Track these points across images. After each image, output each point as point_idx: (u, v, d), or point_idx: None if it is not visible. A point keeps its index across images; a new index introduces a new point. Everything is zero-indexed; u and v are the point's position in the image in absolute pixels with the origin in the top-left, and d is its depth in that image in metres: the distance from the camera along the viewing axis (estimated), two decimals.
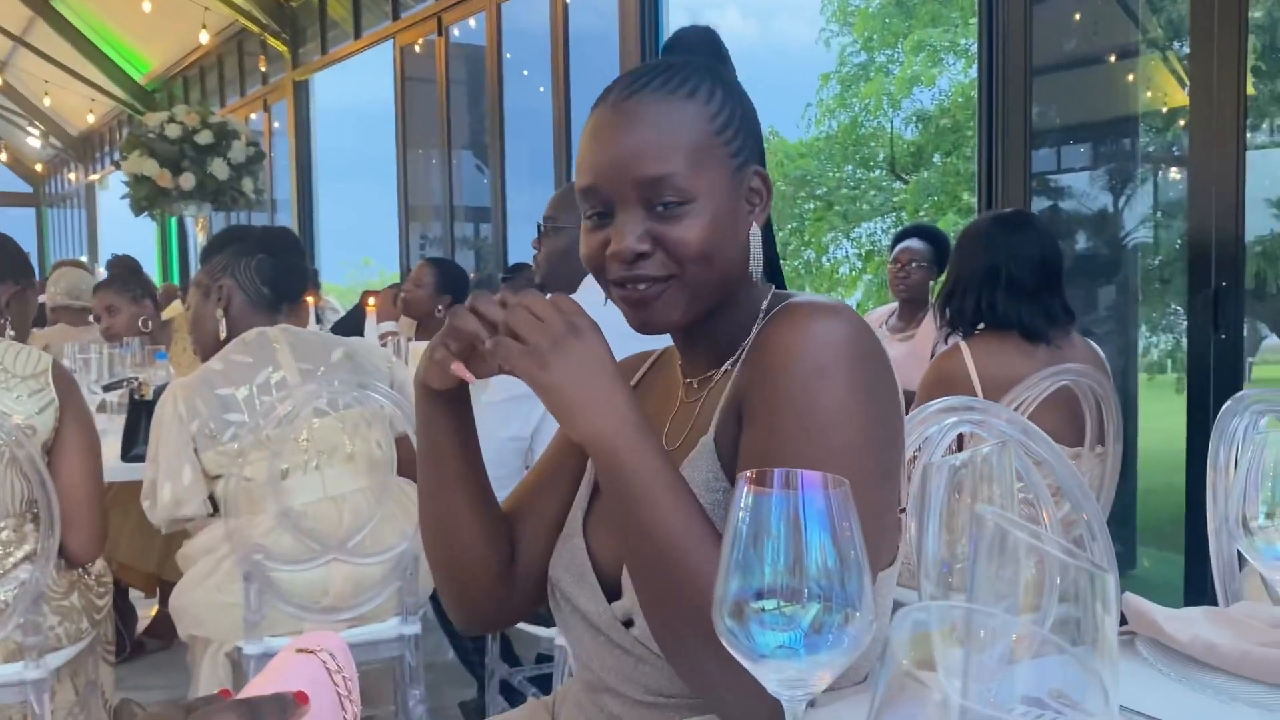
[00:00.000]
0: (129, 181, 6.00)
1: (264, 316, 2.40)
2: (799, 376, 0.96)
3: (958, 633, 0.36)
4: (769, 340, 1.01)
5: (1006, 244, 2.47)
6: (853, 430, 0.95)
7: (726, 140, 1.04)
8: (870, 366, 0.99)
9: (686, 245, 1.02)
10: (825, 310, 1.00)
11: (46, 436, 2.12)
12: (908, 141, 14.94)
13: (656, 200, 1.02)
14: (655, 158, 1.01)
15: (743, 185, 1.06)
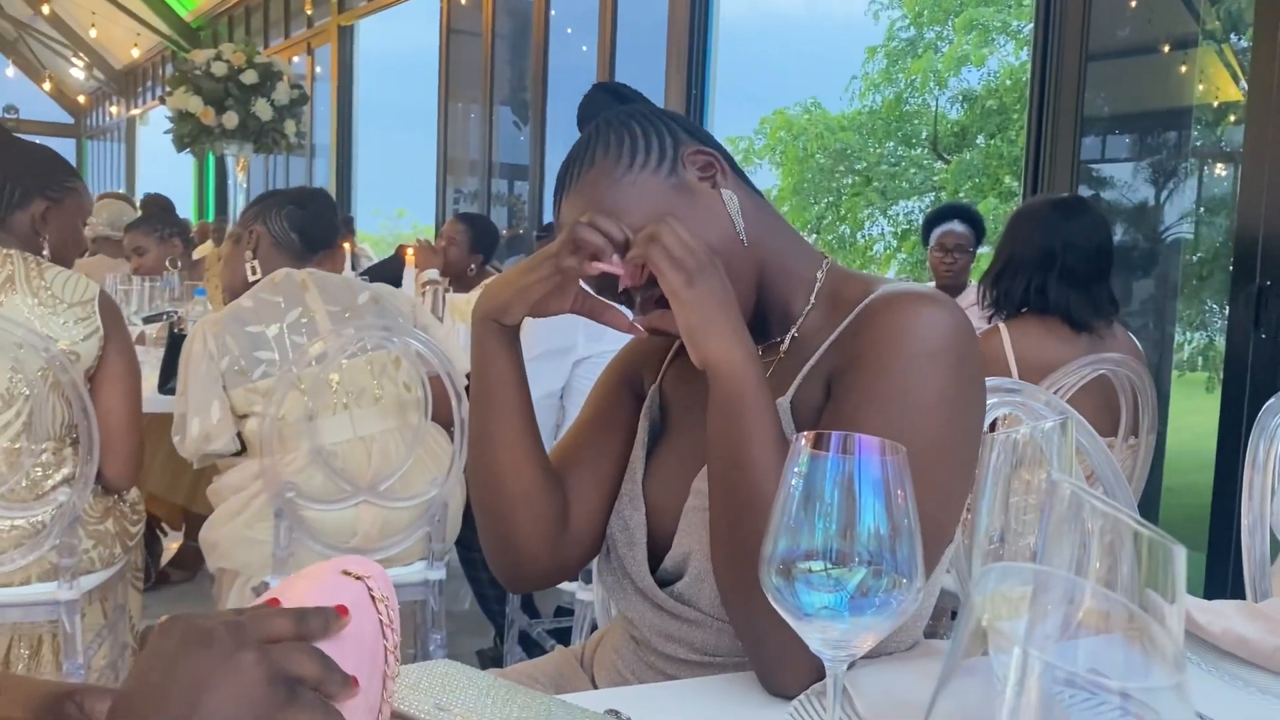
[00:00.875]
0: (173, 117, 6.02)
1: (292, 262, 2.46)
2: (905, 357, 0.98)
3: (1036, 594, 0.37)
4: (875, 323, 1.02)
5: (1063, 229, 2.45)
6: (950, 417, 0.98)
7: (641, 164, 1.09)
8: (973, 359, 1.02)
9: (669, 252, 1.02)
10: (931, 299, 1.02)
11: (90, 364, 2.15)
12: (952, 121, 14.77)
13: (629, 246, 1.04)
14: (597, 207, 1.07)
15: (686, 175, 1.09)
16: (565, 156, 1.15)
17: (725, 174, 1.11)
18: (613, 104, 1.18)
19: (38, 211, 2.19)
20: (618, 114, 1.14)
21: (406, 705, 0.83)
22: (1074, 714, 0.40)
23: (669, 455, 1.16)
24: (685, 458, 1.13)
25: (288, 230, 2.49)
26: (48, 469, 2.14)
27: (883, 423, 0.96)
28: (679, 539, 1.07)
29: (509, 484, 1.14)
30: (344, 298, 2.40)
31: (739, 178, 1.14)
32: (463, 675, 0.89)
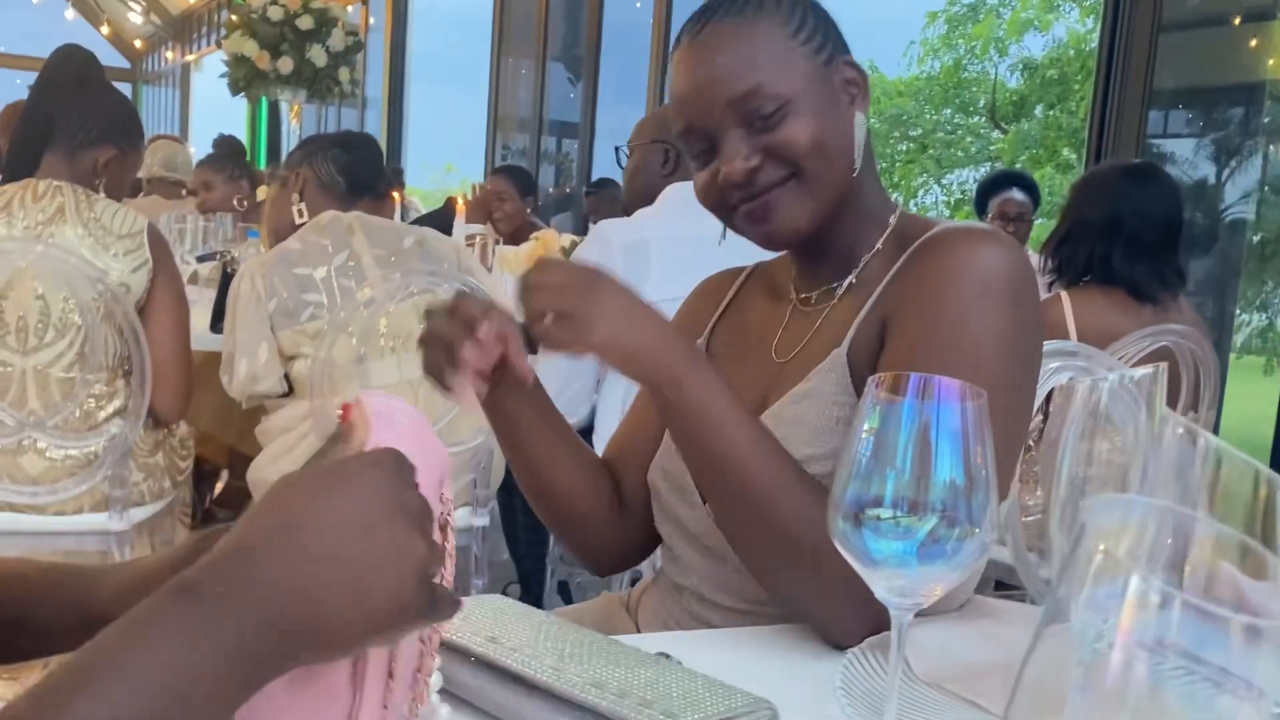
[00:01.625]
0: (228, 61, 6.05)
1: (338, 205, 2.47)
2: (962, 295, 0.96)
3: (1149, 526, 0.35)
4: (930, 259, 1.01)
5: (1132, 197, 2.38)
6: (1005, 356, 0.95)
7: (805, 39, 1.04)
8: (1029, 299, 0.99)
9: (795, 145, 1.02)
10: (991, 236, 1.00)
11: (139, 296, 2.16)
12: (1010, 90, 14.49)
13: (753, 115, 1.02)
14: (738, 75, 1.02)
15: (835, 77, 1.06)
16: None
17: (863, 99, 1.08)
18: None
19: (104, 157, 2.22)
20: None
21: (459, 637, 0.82)
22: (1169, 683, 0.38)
23: None
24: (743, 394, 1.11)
25: (334, 173, 2.50)
26: (101, 400, 2.16)
27: (937, 366, 0.92)
28: None
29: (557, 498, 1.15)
30: (390, 242, 2.40)
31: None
32: (515, 611, 0.88)
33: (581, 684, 0.75)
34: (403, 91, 10.49)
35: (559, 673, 0.77)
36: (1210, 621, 0.36)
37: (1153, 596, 0.33)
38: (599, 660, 0.80)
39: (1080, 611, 0.40)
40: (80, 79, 2.22)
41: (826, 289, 1.11)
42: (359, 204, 2.52)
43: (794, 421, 1.03)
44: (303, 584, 0.51)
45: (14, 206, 2.09)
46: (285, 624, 0.51)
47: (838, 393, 1.02)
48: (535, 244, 2.98)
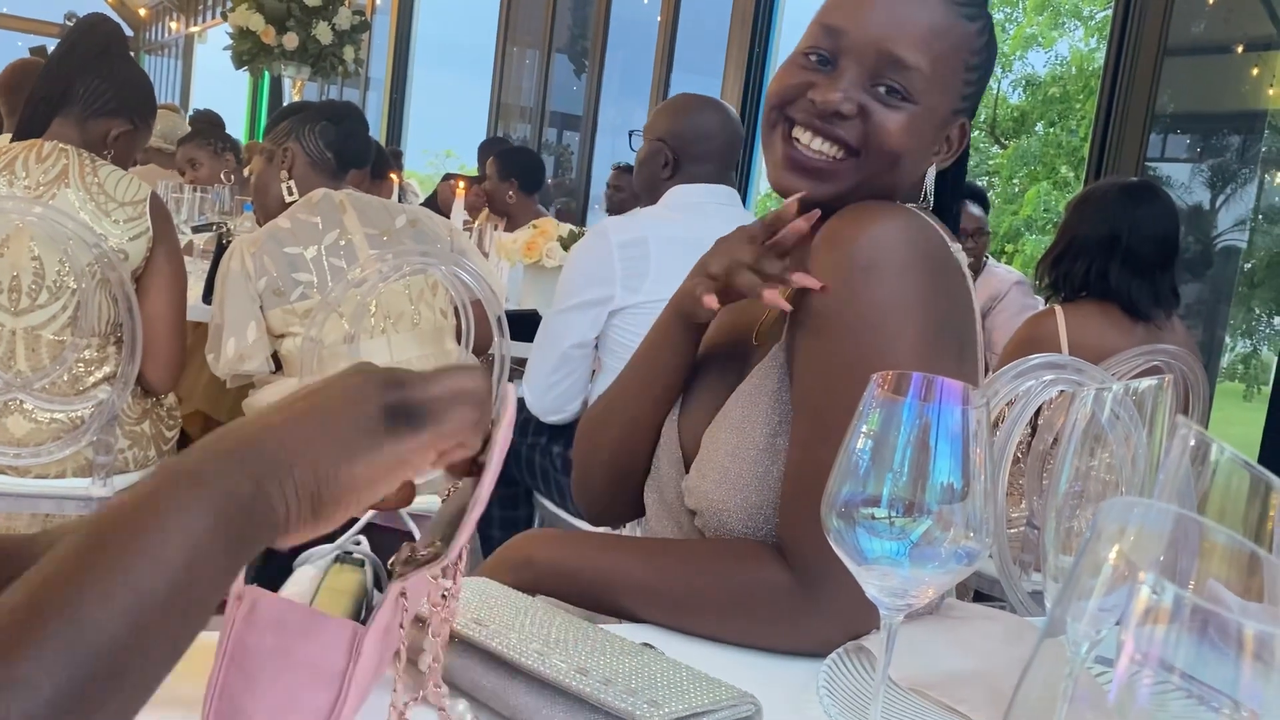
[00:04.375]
0: (233, 34, 6.02)
1: (328, 181, 2.45)
2: (845, 272, 0.94)
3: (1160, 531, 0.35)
4: (820, 240, 0.99)
5: (1131, 214, 2.39)
6: (900, 333, 0.92)
7: (968, 80, 1.04)
8: (926, 265, 0.95)
9: (887, 136, 1.00)
10: (878, 209, 0.98)
11: (137, 264, 2.15)
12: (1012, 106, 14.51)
13: (885, 80, 1.00)
14: (914, 45, 1.00)
15: (949, 124, 1.06)
16: None
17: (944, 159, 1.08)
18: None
19: (117, 129, 2.21)
20: (993, 42, 1.09)
21: None
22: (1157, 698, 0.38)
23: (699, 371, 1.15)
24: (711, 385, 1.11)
25: (323, 149, 2.47)
26: (90, 365, 2.15)
27: (830, 348, 0.93)
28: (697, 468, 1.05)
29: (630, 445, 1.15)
30: (381, 221, 2.39)
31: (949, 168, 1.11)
32: (501, 593, 0.88)
33: (567, 669, 0.75)
34: (406, 74, 10.46)
35: (544, 657, 0.77)
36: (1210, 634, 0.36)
37: (1163, 601, 0.33)
38: (584, 647, 0.79)
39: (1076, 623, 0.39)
40: (104, 48, 2.22)
41: None
42: (349, 177, 2.51)
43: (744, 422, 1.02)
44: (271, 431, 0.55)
45: (16, 166, 2.07)
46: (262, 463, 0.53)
47: (780, 390, 1.02)
48: (534, 231, 2.97)
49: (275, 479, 0.53)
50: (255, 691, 0.61)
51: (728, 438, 1.02)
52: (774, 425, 1.00)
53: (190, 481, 0.51)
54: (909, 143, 1.01)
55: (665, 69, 6.57)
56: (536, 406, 2.38)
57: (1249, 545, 0.35)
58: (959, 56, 1.02)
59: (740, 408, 1.02)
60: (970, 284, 1.02)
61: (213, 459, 0.53)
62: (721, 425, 1.03)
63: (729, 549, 0.98)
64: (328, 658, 0.61)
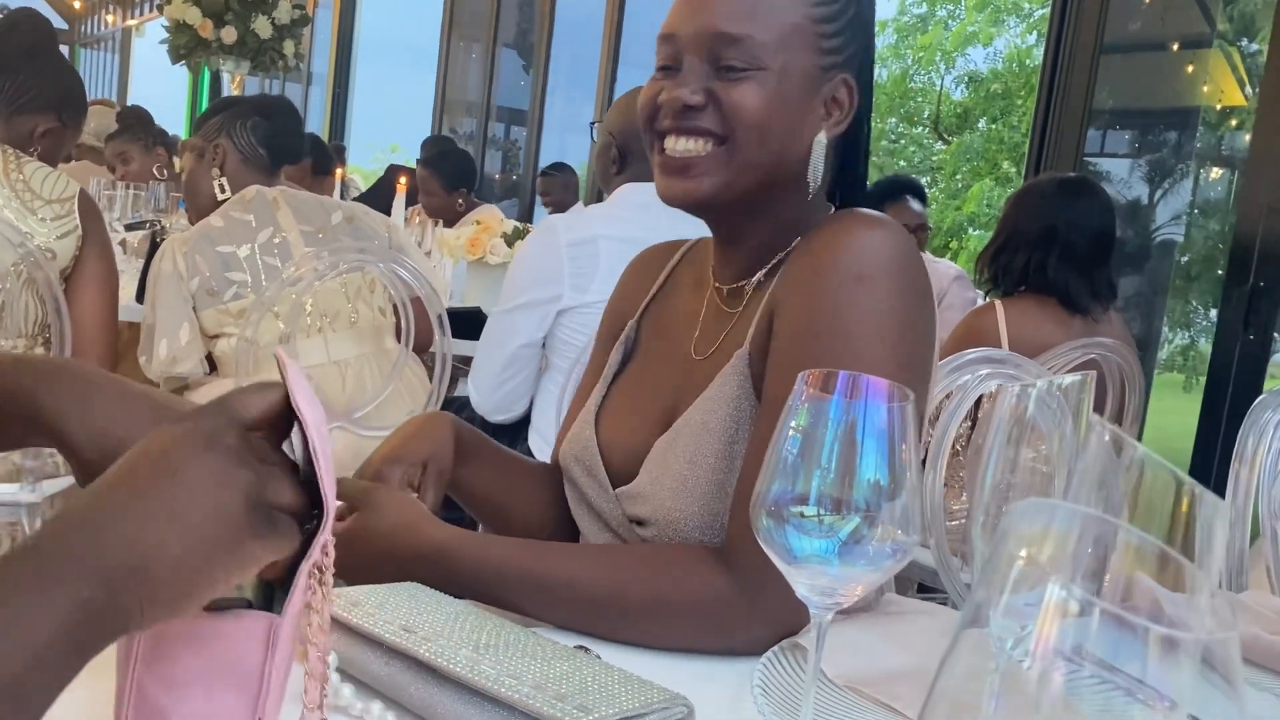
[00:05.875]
0: (170, 28, 5.91)
1: (261, 178, 2.40)
2: (837, 281, 0.94)
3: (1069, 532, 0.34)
4: (810, 246, 0.99)
5: (1067, 209, 2.42)
6: (888, 341, 0.93)
7: (825, 33, 1.00)
8: (913, 281, 0.96)
9: (742, 111, 0.98)
10: (871, 219, 0.98)
11: (65, 263, 2.09)
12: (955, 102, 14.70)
13: (725, 60, 0.99)
14: (739, 16, 0.98)
15: (824, 85, 1.01)
16: None
17: (838, 124, 1.03)
18: None
19: (43, 125, 2.15)
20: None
21: (372, 625, 0.80)
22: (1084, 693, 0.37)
23: (627, 389, 1.15)
24: (647, 386, 1.11)
25: (255, 145, 2.42)
26: None
27: (817, 352, 0.92)
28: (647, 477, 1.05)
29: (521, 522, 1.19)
30: (317, 217, 2.35)
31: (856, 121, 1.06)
32: (431, 599, 0.86)
33: (497, 676, 0.74)
34: (349, 68, 10.34)
35: (474, 664, 0.75)
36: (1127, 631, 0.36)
37: (1072, 604, 0.32)
38: (516, 652, 0.78)
39: (998, 618, 0.39)
40: (33, 45, 2.16)
41: (738, 286, 1.09)
42: (282, 174, 2.46)
43: (704, 430, 1.01)
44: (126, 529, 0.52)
45: None
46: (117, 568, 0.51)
47: (740, 397, 1.01)
48: (476, 228, 2.94)
49: (131, 587, 0.51)
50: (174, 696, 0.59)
51: (685, 446, 1.01)
52: (731, 433, 1.00)
53: (37, 584, 0.49)
54: (768, 110, 0.98)
55: (611, 64, 6.54)
56: (483, 406, 2.36)
57: (1158, 544, 0.35)
58: (798, 11, 0.99)
59: (700, 415, 1.02)
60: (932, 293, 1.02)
61: (66, 561, 0.50)
62: (679, 432, 1.02)
63: (660, 554, 0.97)
64: (245, 651, 0.59)
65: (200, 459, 0.55)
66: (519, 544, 0.99)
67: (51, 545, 0.51)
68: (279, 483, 0.58)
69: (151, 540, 0.52)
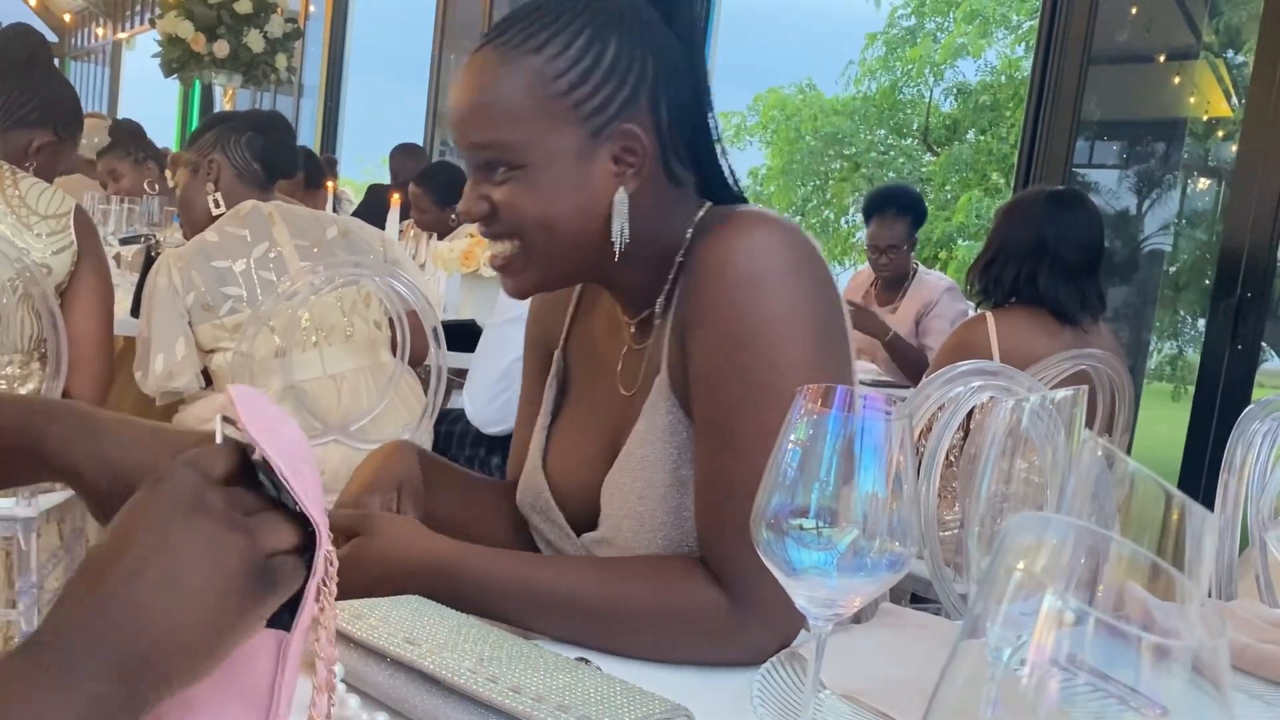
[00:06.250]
0: (162, 41, 5.91)
1: (256, 192, 2.41)
2: (730, 290, 0.93)
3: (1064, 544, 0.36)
4: (699, 261, 0.97)
5: (1057, 221, 2.45)
6: (794, 340, 0.93)
7: (579, 100, 0.95)
8: (808, 272, 0.95)
9: (515, 211, 0.97)
10: (753, 220, 0.96)
11: (61, 279, 2.10)
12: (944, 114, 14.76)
13: (488, 164, 0.97)
14: (482, 123, 0.96)
15: (603, 147, 0.96)
16: (535, 3, 0.98)
17: (637, 175, 0.97)
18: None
19: (39, 140, 2.16)
20: (620, 20, 0.97)
21: (376, 638, 0.81)
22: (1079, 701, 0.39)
23: (568, 428, 1.15)
24: (586, 426, 1.11)
25: (249, 160, 2.43)
26: (12, 382, 2.09)
27: (734, 367, 0.92)
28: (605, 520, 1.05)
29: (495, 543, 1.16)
30: (312, 232, 2.36)
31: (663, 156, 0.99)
32: (434, 611, 0.87)
33: (500, 688, 0.75)
34: (340, 81, 10.34)
35: (477, 676, 0.76)
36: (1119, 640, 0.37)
37: (1066, 614, 0.33)
38: (518, 664, 0.79)
39: (995, 628, 0.40)
40: (28, 59, 2.16)
41: (644, 317, 1.07)
42: (276, 188, 2.47)
43: (645, 464, 1.01)
44: (132, 618, 0.52)
45: None
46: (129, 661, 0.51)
47: (674, 423, 1.01)
48: (470, 240, 2.96)
49: (145, 676, 0.52)
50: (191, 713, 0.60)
51: (632, 482, 1.01)
52: (674, 459, 1.00)
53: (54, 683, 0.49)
54: (541, 204, 0.96)
55: None
56: (479, 418, 2.37)
57: (1149, 556, 0.36)
58: (541, 94, 0.94)
59: (640, 449, 1.02)
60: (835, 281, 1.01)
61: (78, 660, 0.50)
62: (623, 470, 1.02)
63: (657, 565, 0.98)
64: (256, 667, 0.60)
65: (191, 527, 0.55)
66: (520, 557, 1.00)
67: (62, 643, 0.51)
68: (271, 530, 0.57)
69: (158, 626, 0.52)
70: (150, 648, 0.52)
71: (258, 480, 0.61)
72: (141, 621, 0.52)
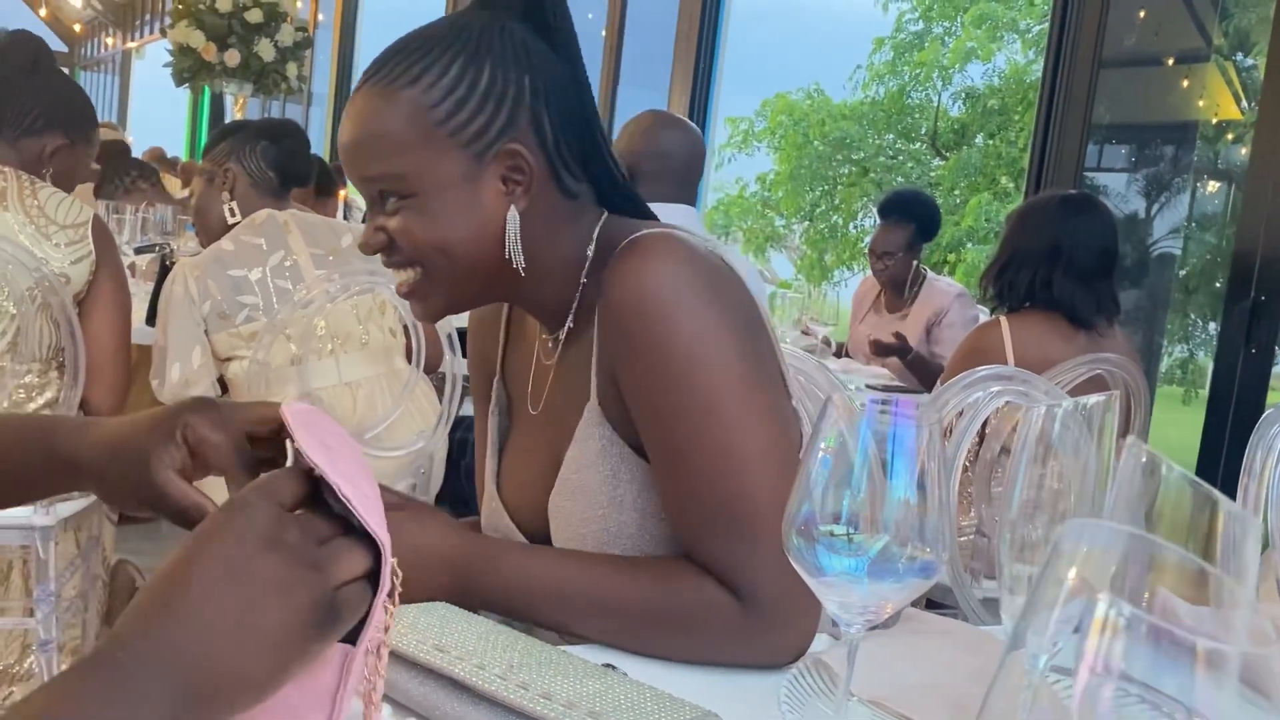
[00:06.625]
0: (173, 51, 5.94)
1: (271, 201, 2.43)
2: (648, 326, 0.95)
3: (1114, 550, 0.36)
4: (611, 296, 0.98)
5: (1071, 225, 2.45)
6: (719, 356, 0.95)
7: (457, 127, 0.96)
8: (712, 283, 0.97)
9: (410, 239, 0.99)
10: (654, 247, 0.98)
11: (79, 288, 2.11)
12: (952, 118, 14.75)
13: (380, 196, 0.99)
14: (369, 156, 0.98)
15: (489, 169, 0.98)
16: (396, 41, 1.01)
17: (526, 192, 0.99)
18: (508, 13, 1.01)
19: (51, 145, 2.16)
20: (493, 44, 0.98)
21: (405, 645, 0.81)
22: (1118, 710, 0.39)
23: (513, 452, 1.16)
24: (531, 446, 1.12)
25: (264, 169, 2.44)
26: (31, 391, 2.11)
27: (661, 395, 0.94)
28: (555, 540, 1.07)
29: None
30: (327, 240, 2.37)
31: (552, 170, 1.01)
32: (462, 619, 0.88)
33: (530, 695, 0.75)
34: (349, 89, 10.38)
35: (507, 682, 0.77)
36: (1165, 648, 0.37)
37: (1119, 619, 0.34)
38: (547, 670, 0.79)
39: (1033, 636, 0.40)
40: (30, 66, 2.17)
41: (555, 337, 1.09)
42: (291, 196, 2.49)
43: (582, 489, 1.03)
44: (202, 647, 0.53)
45: None
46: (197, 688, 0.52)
47: (605, 446, 1.02)
48: None
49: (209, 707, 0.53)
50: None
51: (572, 505, 1.04)
52: (610, 480, 1.02)
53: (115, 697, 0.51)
54: (434, 230, 0.97)
55: (611, 83, 6.58)
56: None
57: (1197, 561, 0.36)
58: (416, 126, 0.96)
59: (575, 475, 1.04)
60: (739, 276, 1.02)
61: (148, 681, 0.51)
62: (561, 494, 1.05)
63: (676, 568, 0.98)
64: (320, 680, 0.60)
65: (266, 562, 0.56)
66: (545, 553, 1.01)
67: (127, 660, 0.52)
68: (343, 561, 0.58)
69: (222, 656, 0.53)
70: (213, 676, 0.53)
71: (322, 497, 0.61)
72: (207, 650, 0.53)
